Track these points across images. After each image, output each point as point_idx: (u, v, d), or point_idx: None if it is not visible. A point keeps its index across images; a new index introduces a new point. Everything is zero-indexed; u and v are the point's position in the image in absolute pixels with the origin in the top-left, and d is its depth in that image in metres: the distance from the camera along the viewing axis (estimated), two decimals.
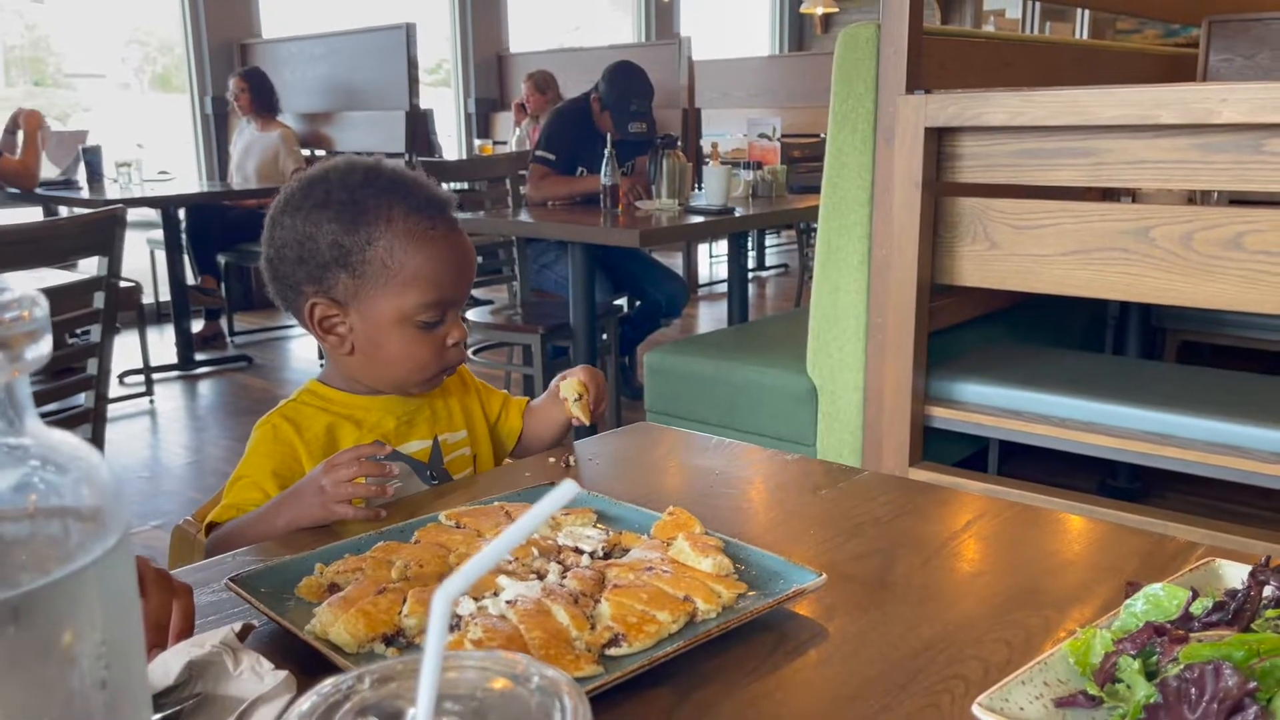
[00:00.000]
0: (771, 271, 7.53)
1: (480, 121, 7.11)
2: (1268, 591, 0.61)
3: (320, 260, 1.10)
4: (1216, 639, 0.56)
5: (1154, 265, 2.05)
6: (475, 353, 3.80)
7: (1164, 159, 2.04)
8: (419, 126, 5.10)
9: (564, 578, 0.77)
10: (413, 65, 4.88)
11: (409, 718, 0.42)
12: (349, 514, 0.96)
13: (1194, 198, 2.76)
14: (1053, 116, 2.08)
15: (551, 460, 1.13)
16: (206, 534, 1.08)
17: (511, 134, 5.99)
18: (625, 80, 3.88)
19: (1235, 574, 0.71)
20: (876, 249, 2.37)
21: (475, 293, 4.78)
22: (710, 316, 6.03)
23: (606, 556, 0.83)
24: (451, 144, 7.31)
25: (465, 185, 4.61)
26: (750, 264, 7.37)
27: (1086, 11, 7.72)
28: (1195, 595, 0.62)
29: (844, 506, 0.97)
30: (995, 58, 2.71)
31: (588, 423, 1.17)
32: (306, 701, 0.43)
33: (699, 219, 3.44)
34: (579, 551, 0.82)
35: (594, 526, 0.88)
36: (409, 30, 4.88)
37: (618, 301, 3.93)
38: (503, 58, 7.25)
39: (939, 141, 2.26)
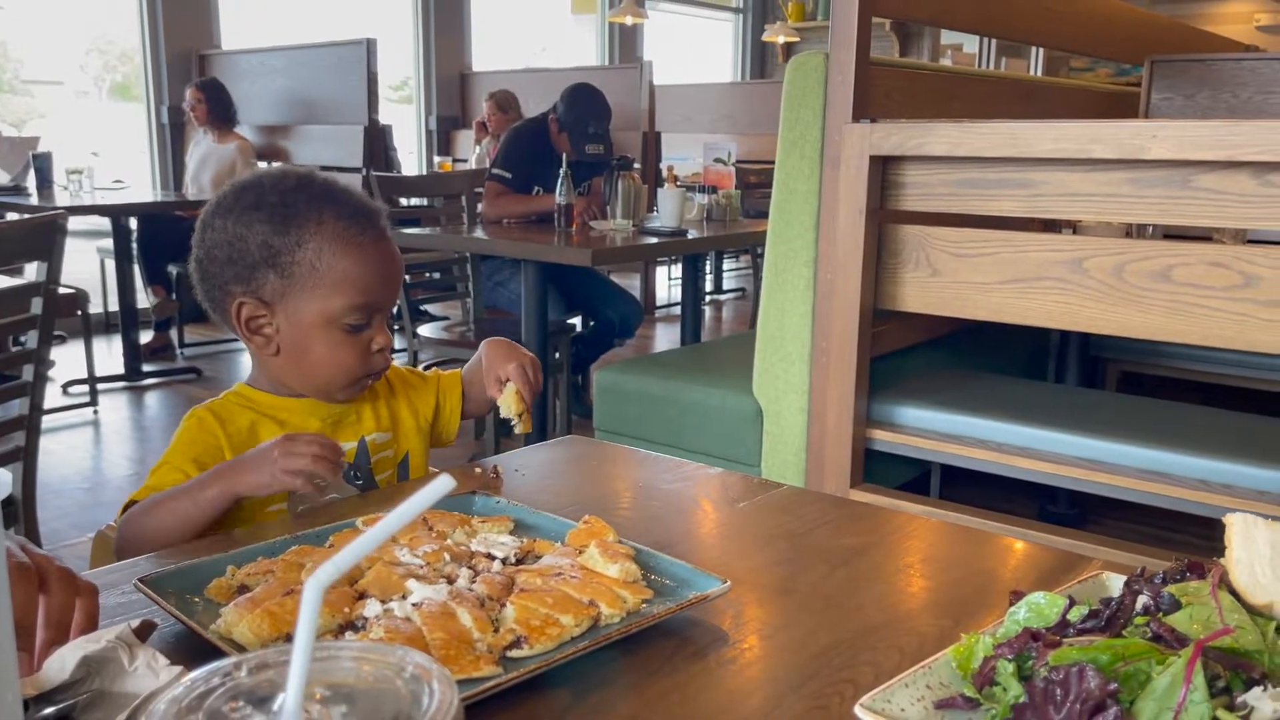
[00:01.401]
0: (729, 295, 7.60)
1: (441, 139, 7.12)
2: (1141, 600, 0.64)
3: (249, 260, 1.13)
4: (1087, 644, 0.58)
5: (1087, 295, 2.10)
6: (426, 368, 3.80)
7: (1098, 192, 2.09)
8: (377, 142, 5.10)
9: (473, 583, 0.78)
10: (372, 80, 4.89)
11: (278, 702, 0.43)
12: (297, 484, 0.97)
13: (1130, 230, 2.83)
14: (992, 148, 2.13)
15: (478, 470, 1.14)
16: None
17: (472, 152, 6.01)
18: (583, 102, 3.91)
19: (1119, 585, 0.74)
20: (822, 273, 2.41)
21: (430, 308, 4.77)
22: (666, 338, 6.06)
23: (519, 563, 0.84)
24: (413, 161, 7.31)
25: (423, 201, 4.62)
26: (708, 287, 7.43)
27: (1041, 49, 7.90)
28: (1072, 603, 0.64)
29: (759, 518, 0.99)
30: (941, 90, 2.77)
31: (530, 430, 1.21)
32: (180, 686, 0.44)
33: (652, 240, 3.47)
34: (491, 557, 0.83)
35: (509, 534, 0.90)
36: (369, 45, 4.88)
37: (572, 320, 3.94)
38: (465, 76, 7.27)
39: (883, 169, 2.31)
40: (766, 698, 0.67)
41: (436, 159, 6.53)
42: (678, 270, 7.35)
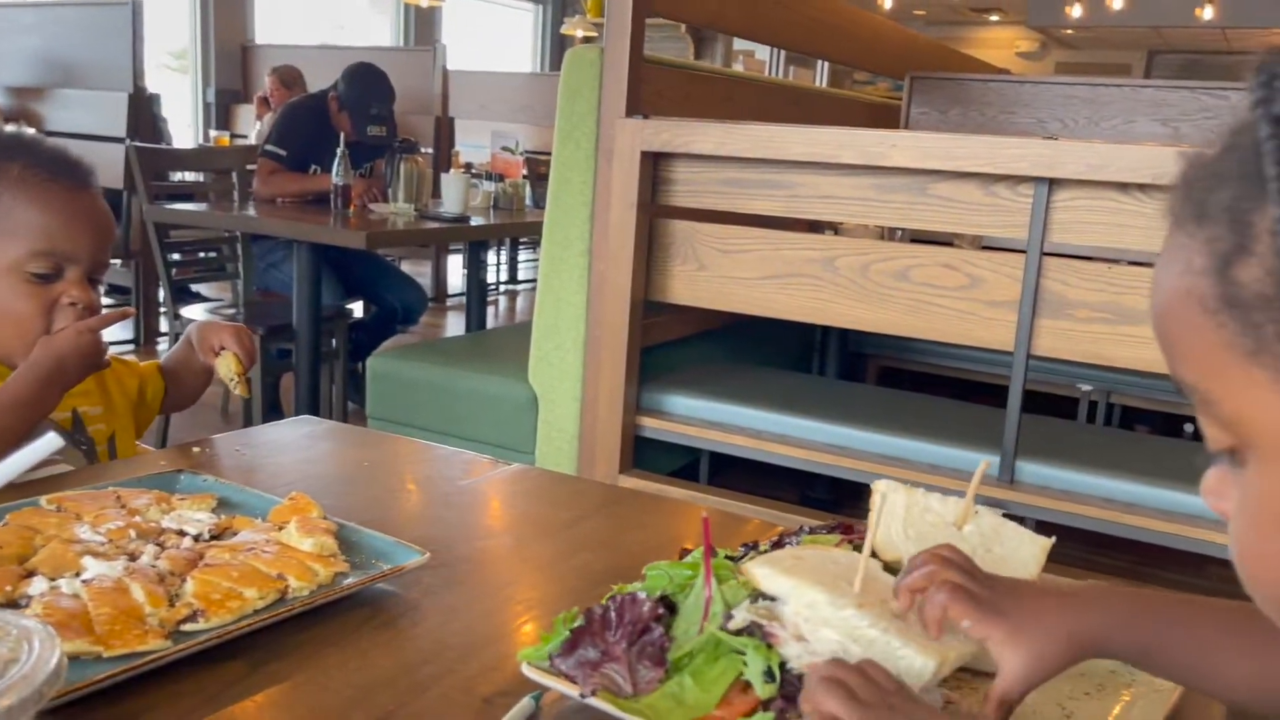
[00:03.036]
0: (524, 285, 7.59)
1: (221, 113, 6.75)
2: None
3: None
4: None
5: (838, 292, 2.24)
6: None
7: (848, 196, 2.23)
8: (144, 111, 4.78)
9: (157, 559, 0.76)
10: (138, 44, 4.57)
11: None
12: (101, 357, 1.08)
13: (883, 233, 3.03)
14: (752, 149, 2.23)
15: (195, 449, 1.10)
16: None
17: (253, 128, 5.74)
18: (366, 82, 3.81)
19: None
20: (596, 264, 2.45)
21: (200, 289, 4.52)
22: (456, 326, 6.00)
23: (215, 539, 0.82)
24: (190, 134, 6.91)
25: (198, 177, 4.36)
26: (503, 277, 7.40)
27: (825, 60, 8.31)
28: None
29: (482, 494, 1.01)
30: (714, 92, 2.87)
31: (248, 396, 1.19)
32: None
33: (434, 225, 3.43)
34: (183, 534, 0.81)
35: (209, 511, 0.87)
36: (135, 6, 4.56)
37: (351, 306, 3.83)
38: (247, 49, 6.92)
39: (655, 165, 2.37)
40: (445, 662, 0.69)
41: (213, 133, 6.19)
42: None
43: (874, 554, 0.70)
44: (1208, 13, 9.05)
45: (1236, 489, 0.45)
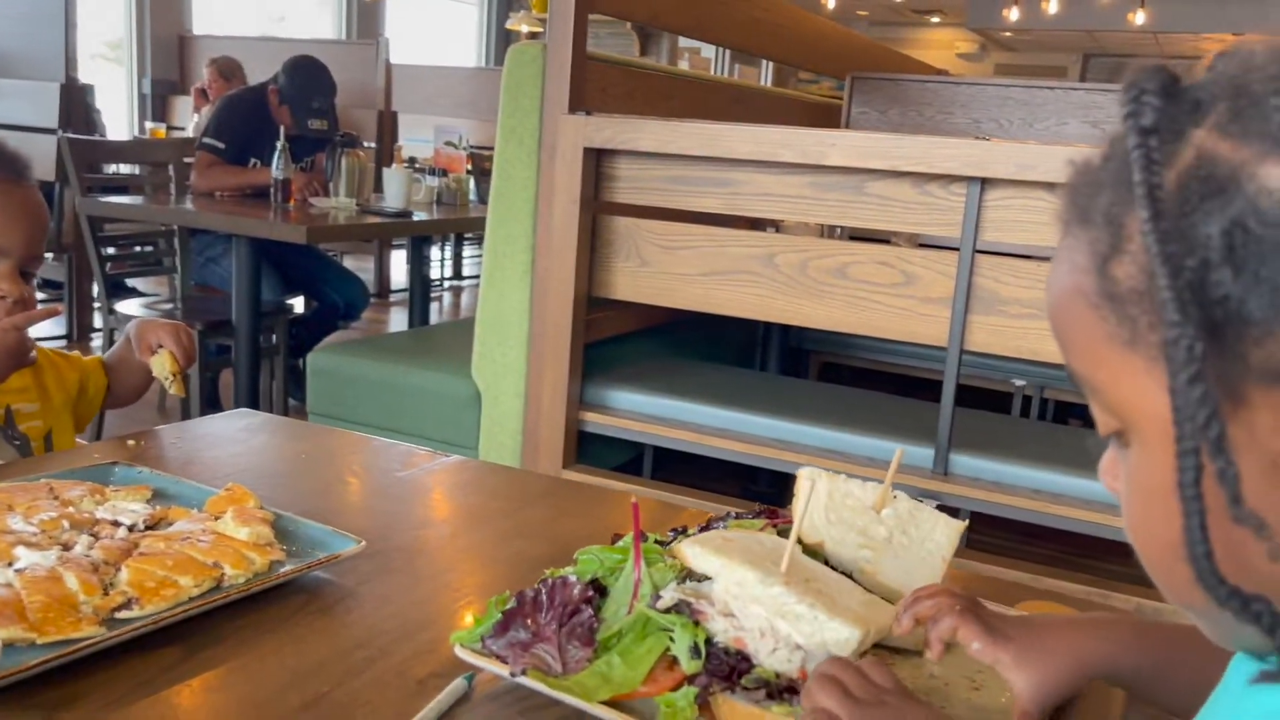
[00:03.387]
0: (468, 281, 7.56)
1: (157, 104, 6.62)
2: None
3: None
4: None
5: (777, 288, 2.27)
6: None
7: (788, 194, 2.26)
8: (76, 102, 4.67)
9: (91, 549, 0.76)
10: (71, 33, 4.47)
11: None
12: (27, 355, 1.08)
13: (823, 230, 3.08)
14: (695, 147, 2.26)
15: (131, 442, 1.09)
16: None
17: (190, 120, 5.64)
18: (306, 75, 3.77)
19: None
20: (539, 260, 2.46)
21: (137, 283, 4.44)
22: (401, 322, 5.96)
23: (151, 529, 0.82)
24: (125, 126, 6.77)
25: (135, 169, 4.28)
26: (448, 273, 7.36)
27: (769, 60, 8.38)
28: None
29: (420, 484, 1.02)
30: (657, 89, 2.90)
31: (184, 395, 1.19)
32: None
33: (375, 220, 3.41)
34: (117, 524, 0.81)
35: (144, 502, 0.87)
36: None
37: (293, 302, 3.79)
38: (185, 39, 6.80)
39: (598, 162, 2.39)
40: (379, 646, 0.70)
41: (149, 125, 6.06)
42: None
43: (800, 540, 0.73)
44: (1139, 18, 9.30)
45: (1124, 469, 0.49)
